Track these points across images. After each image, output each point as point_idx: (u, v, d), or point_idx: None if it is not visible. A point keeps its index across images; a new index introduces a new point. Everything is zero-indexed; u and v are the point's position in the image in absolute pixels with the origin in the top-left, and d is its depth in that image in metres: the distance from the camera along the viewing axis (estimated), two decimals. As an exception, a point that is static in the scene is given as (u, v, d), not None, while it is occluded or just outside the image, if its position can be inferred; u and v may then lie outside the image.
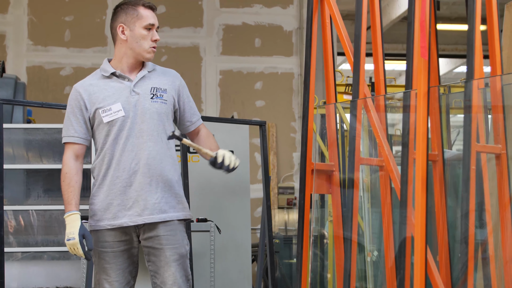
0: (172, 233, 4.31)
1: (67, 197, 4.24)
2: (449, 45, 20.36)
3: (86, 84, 4.38)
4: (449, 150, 5.62)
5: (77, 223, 4.18)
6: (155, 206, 4.26)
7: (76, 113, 4.32)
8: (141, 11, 4.38)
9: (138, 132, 4.27)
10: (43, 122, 10.62)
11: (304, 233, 5.05)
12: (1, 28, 12.90)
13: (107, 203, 4.28)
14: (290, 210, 13.28)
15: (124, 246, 4.32)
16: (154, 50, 4.39)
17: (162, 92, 4.37)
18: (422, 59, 4.10)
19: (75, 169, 4.28)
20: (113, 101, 4.29)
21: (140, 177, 4.25)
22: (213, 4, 13.43)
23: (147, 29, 4.37)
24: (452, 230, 4.72)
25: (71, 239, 4.15)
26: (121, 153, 4.26)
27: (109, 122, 4.27)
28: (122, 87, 4.33)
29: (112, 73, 4.36)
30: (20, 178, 8.15)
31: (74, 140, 4.32)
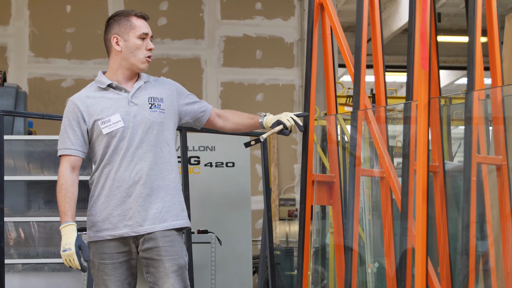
0: (171, 244, 4.29)
1: (63, 208, 4.23)
2: (450, 56, 20.40)
3: (83, 96, 4.39)
4: (450, 162, 5.62)
5: (73, 234, 4.17)
6: (155, 216, 4.26)
7: (73, 125, 4.32)
8: (134, 21, 4.42)
9: (138, 142, 4.27)
10: (44, 133, 10.62)
11: (305, 244, 5.04)
12: (3, 40, 12.92)
13: (106, 214, 4.27)
14: (291, 222, 13.27)
15: (123, 258, 4.31)
16: (148, 60, 4.40)
17: (159, 101, 4.38)
18: (423, 70, 4.10)
19: (71, 181, 4.27)
20: (111, 112, 4.29)
21: (140, 188, 4.25)
22: (214, 16, 13.45)
23: (141, 38, 4.39)
24: (453, 241, 4.71)
25: (67, 250, 4.14)
26: (120, 163, 4.26)
27: (109, 133, 4.27)
28: (120, 98, 4.33)
29: (108, 85, 4.36)
30: (21, 190, 8.14)
31: (70, 152, 4.31)
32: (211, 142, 8.23)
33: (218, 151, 8.18)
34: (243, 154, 8.11)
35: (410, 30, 4.48)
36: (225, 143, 8.03)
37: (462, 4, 17.02)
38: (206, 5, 13.46)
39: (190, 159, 8.17)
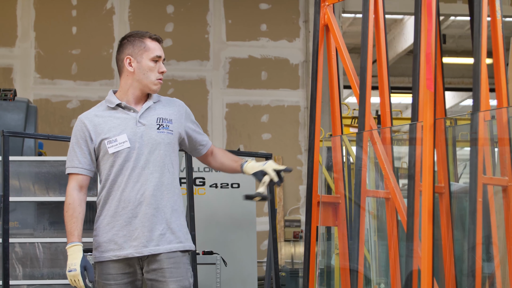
0: (176, 266, 4.27)
1: (70, 228, 4.21)
2: (456, 78, 20.41)
3: (91, 115, 4.37)
4: (456, 183, 5.60)
5: (78, 254, 4.15)
6: (160, 237, 4.23)
7: (80, 144, 4.30)
8: (148, 43, 4.40)
9: (144, 163, 4.25)
10: (50, 154, 10.63)
11: (310, 265, 5.03)
12: (9, 61, 12.97)
13: (112, 234, 4.24)
14: (296, 243, 13.24)
15: (127, 279, 4.27)
16: (160, 82, 4.38)
17: (168, 122, 4.36)
18: (428, 91, 4.10)
19: (78, 200, 4.25)
20: (118, 132, 4.27)
21: (146, 208, 4.22)
22: (219, 37, 13.49)
23: (154, 61, 4.37)
24: (459, 263, 4.69)
25: (72, 270, 4.12)
26: (126, 184, 4.23)
27: (114, 153, 4.24)
28: (128, 118, 4.31)
29: (117, 104, 4.34)
30: (30, 211, 8.14)
31: (78, 171, 4.29)
32: (216, 163, 8.22)
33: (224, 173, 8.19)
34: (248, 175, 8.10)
35: (416, 51, 4.49)
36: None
37: (467, 25, 17.05)
38: (212, 27, 13.50)
39: (195, 180, 8.17)
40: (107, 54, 13.17)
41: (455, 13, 14.62)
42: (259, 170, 4.46)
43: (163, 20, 13.41)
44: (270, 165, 4.46)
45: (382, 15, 4.99)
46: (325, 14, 5.15)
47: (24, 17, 13.08)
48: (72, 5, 13.21)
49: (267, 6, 13.66)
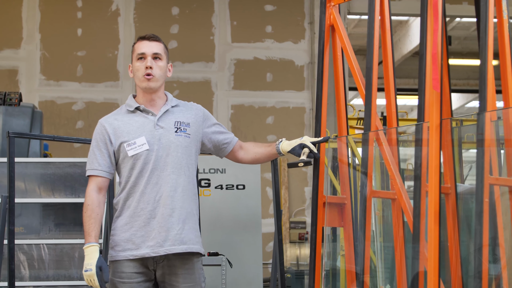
0: (190, 271, 4.38)
1: (88, 229, 4.29)
2: (461, 80, 20.38)
3: (111, 118, 4.48)
4: (462, 184, 5.59)
5: (95, 254, 4.24)
6: (176, 237, 4.31)
7: (100, 147, 4.41)
8: (135, 46, 4.53)
9: (162, 165, 4.34)
10: (55, 156, 10.64)
11: (316, 266, 5.02)
12: (14, 63, 12.98)
13: (130, 234, 4.33)
14: (302, 245, 13.23)
15: (140, 278, 4.34)
16: (148, 78, 4.42)
17: (185, 126, 4.45)
18: (434, 91, 4.09)
19: (97, 202, 4.34)
20: (137, 135, 4.36)
21: (163, 209, 4.30)
22: (224, 39, 13.49)
23: (139, 59, 4.46)
24: (465, 264, 4.68)
25: (88, 270, 4.20)
26: (145, 185, 4.33)
27: (134, 156, 4.34)
28: (146, 121, 4.41)
29: (136, 108, 4.45)
30: (35, 212, 8.15)
31: (97, 173, 4.39)
32: (222, 165, 8.22)
33: (229, 174, 8.18)
34: (254, 177, 8.10)
35: (422, 51, 4.48)
36: (236, 165, 8.02)
37: (473, 27, 17.04)
38: (217, 28, 13.50)
39: (201, 182, 8.17)
40: (112, 56, 13.17)
41: (460, 14, 14.60)
42: (296, 145, 4.57)
43: (168, 22, 13.41)
44: (307, 138, 4.58)
45: (388, 16, 4.98)
46: (330, 14, 5.14)
47: (29, 19, 13.09)
48: (77, 7, 13.22)
49: (272, 7, 13.66)
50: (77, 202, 8.15)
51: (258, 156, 4.68)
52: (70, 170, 8.22)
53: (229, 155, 4.71)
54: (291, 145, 4.57)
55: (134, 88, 13.11)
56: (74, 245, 8.07)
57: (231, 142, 4.67)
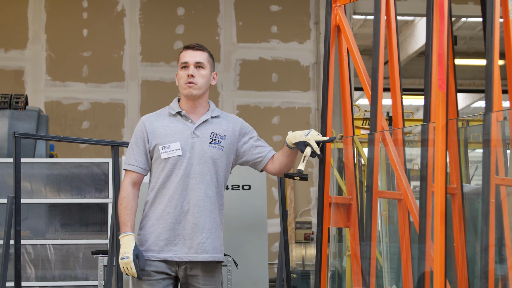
0: (211, 275, 4.48)
1: (124, 219, 4.42)
2: (467, 80, 20.35)
3: (153, 118, 4.60)
4: (468, 184, 5.58)
5: (131, 243, 4.35)
6: (199, 246, 4.41)
7: (139, 144, 4.53)
8: (180, 55, 4.62)
9: (193, 173, 4.43)
10: (61, 156, 10.66)
11: (322, 267, 5.01)
12: (20, 64, 13.00)
13: (155, 236, 4.43)
14: (307, 245, 13.23)
15: (159, 276, 4.43)
16: (189, 86, 4.52)
17: (221, 138, 4.54)
18: (440, 91, 4.09)
19: (132, 194, 4.48)
20: (173, 140, 4.47)
21: (190, 217, 4.40)
22: (230, 39, 13.49)
23: (183, 67, 4.56)
24: (471, 264, 4.67)
25: (125, 258, 4.32)
26: (174, 190, 4.42)
27: (166, 159, 4.45)
28: (185, 128, 4.51)
29: (177, 112, 4.55)
30: (42, 213, 8.17)
31: (133, 168, 4.52)
32: (227, 165, 8.20)
33: (234, 174, 8.16)
34: (259, 177, 8.09)
35: (428, 51, 4.47)
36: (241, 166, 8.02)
37: (478, 27, 17.02)
38: (222, 29, 13.51)
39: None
40: (118, 56, 13.18)
41: (466, 14, 14.59)
42: (301, 140, 4.53)
43: (174, 22, 13.43)
44: (312, 135, 4.52)
45: (394, 16, 4.97)
46: (336, 15, 5.13)
47: (35, 20, 13.11)
48: (83, 7, 13.24)
49: (278, 8, 13.66)
50: (83, 203, 8.16)
51: (280, 160, 4.67)
52: (76, 170, 8.23)
53: (265, 169, 4.74)
54: (296, 138, 4.54)
55: (139, 88, 13.13)
56: (80, 246, 8.09)
57: (265, 157, 4.69)
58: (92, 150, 12.73)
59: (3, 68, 12.97)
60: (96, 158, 10.70)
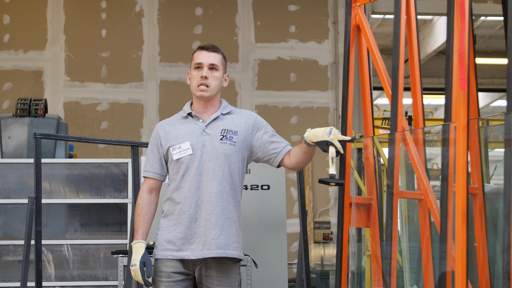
0: (226, 275, 4.47)
1: (136, 226, 4.49)
2: (486, 79, 20.27)
3: (166, 123, 4.65)
4: (488, 184, 5.56)
5: (140, 250, 4.40)
6: (212, 242, 4.40)
7: (153, 150, 4.60)
8: (195, 55, 4.62)
9: (205, 170, 4.44)
10: (80, 157, 10.69)
11: (343, 267, 5.01)
12: (39, 65, 13.05)
13: (172, 236, 4.45)
14: (326, 245, 13.21)
15: (178, 277, 4.45)
16: (202, 88, 4.52)
17: (232, 134, 4.53)
18: (461, 91, 4.07)
19: (147, 201, 4.54)
20: (184, 140, 4.49)
21: (204, 214, 4.42)
22: (248, 39, 13.50)
23: (196, 68, 4.56)
24: (492, 265, 4.65)
25: (134, 265, 4.37)
26: (188, 189, 4.44)
27: (178, 160, 4.48)
28: (195, 127, 4.53)
29: (188, 114, 4.58)
30: (61, 213, 8.21)
31: (149, 175, 4.59)
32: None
33: (254, 174, 8.17)
34: (278, 177, 8.09)
35: (448, 51, 4.45)
36: (261, 166, 8.01)
37: (498, 25, 16.93)
38: (240, 29, 13.52)
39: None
40: (137, 57, 13.21)
41: (485, 13, 14.53)
42: (323, 140, 4.41)
43: (192, 23, 13.44)
44: (334, 135, 4.39)
45: (414, 15, 4.96)
46: (356, 14, 5.12)
47: (54, 21, 13.16)
48: (102, 8, 13.28)
49: (296, 7, 13.65)
50: (102, 203, 8.19)
51: (297, 156, 4.57)
52: (95, 170, 8.26)
53: (282, 164, 4.66)
54: (317, 137, 4.42)
55: (158, 88, 13.15)
56: (100, 246, 8.11)
57: (281, 152, 4.63)
58: (111, 150, 12.77)
59: (22, 69, 13.03)
60: (115, 158, 10.73)
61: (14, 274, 8.03)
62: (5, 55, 13.03)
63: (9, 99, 12.81)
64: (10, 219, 8.16)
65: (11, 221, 8.14)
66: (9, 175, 8.18)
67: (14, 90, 12.86)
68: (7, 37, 13.08)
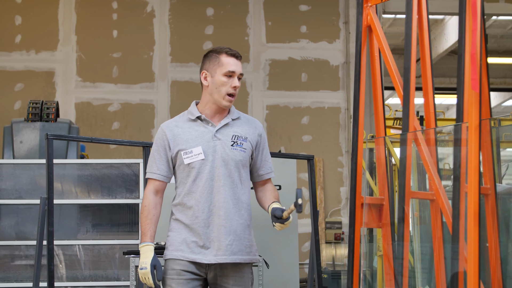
0: (240, 275, 4.48)
1: (144, 229, 4.46)
2: (498, 78, 20.22)
3: (172, 125, 4.59)
4: (500, 184, 5.55)
5: (150, 253, 4.39)
6: (227, 248, 4.40)
7: (160, 152, 4.54)
8: (222, 59, 4.53)
9: (217, 176, 4.43)
10: (91, 157, 10.71)
11: (354, 267, 5.00)
12: (51, 65, 13.08)
13: (185, 237, 4.44)
14: (337, 245, 13.20)
15: (189, 276, 4.44)
16: (231, 99, 4.50)
17: (242, 140, 4.52)
18: (473, 91, 4.06)
19: (154, 203, 4.50)
20: (195, 144, 4.46)
21: (217, 219, 4.41)
22: (259, 39, 13.50)
23: (227, 76, 4.50)
24: (504, 265, 4.65)
25: (144, 268, 4.35)
26: (200, 194, 4.42)
27: (189, 164, 4.45)
28: (206, 131, 4.49)
29: (197, 117, 4.53)
30: (73, 213, 8.23)
31: (155, 176, 4.54)
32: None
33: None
34: (290, 177, 8.08)
35: (460, 51, 4.45)
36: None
37: (510, 25, 16.88)
38: (251, 29, 13.51)
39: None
40: (148, 57, 13.23)
41: (497, 12, 14.48)
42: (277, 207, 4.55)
43: (203, 23, 13.45)
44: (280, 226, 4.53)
45: (426, 15, 4.95)
46: (367, 15, 5.12)
47: (66, 22, 13.19)
48: (113, 8, 13.30)
49: (307, 7, 13.65)
50: (114, 203, 8.20)
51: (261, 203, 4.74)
52: (107, 171, 8.27)
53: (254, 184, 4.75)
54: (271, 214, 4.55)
55: (169, 89, 13.16)
56: (111, 246, 8.12)
57: (262, 176, 4.71)
58: (122, 150, 12.78)
59: (34, 69, 13.06)
60: (126, 158, 10.74)
61: (26, 275, 8.06)
62: (16, 55, 13.06)
63: (21, 99, 12.84)
64: (22, 219, 8.18)
65: (23, 221, 8.17)
66: (21, 175, 8.21)
67: (26, 91, 12.90)
68: (18, 37, 13.12)
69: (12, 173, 8.20)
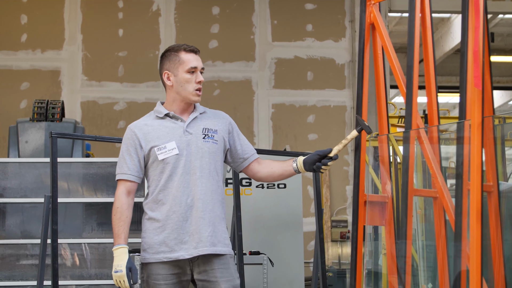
0: (226, 266, 4.44)
1: (117, 231, 4.39)
2: (504, 77, 20.19)
3: (141, 124, 4.57)
4: (505, 182, 5.54)
5: (124, 256, 4.33)
6: (208, 239, 4.38)
7: (130, 152, 4.49)
8: (182, 56, 4.53)
9: (192, 169, 4.41)
10: (97, 156, 10.73)
11: (358, 265, 5.00)
12: (56, 64, 13.11)
13: (163, 237, 4.39)
14: (343, 243, 13.21)
15: (176, 279, 4.42)
16: (199, 93, 4.52)
17: (213, 132, 4.53)
18: (476, 89, 4.06)
19: (126, 205, 4.44)
20: (167, 140, 4.44)
21: (195, 212, 4.38)
22: (265, 38, 13.50)
23: (190, 72, 4.51)
24: (508, 263, 4.64)
25: (118, 271, 4.30)
26: (176, 189, 4.40)
27: (164, 160, 4.42)
28: (176, 127, 4.49)
29: (166, 114, 4.54)
30: (78, 212, 8.24)
31: (127, 177, 4.47)
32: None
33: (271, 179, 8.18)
34: (295, 176, 8.08)
35: (463, 49, 4.44)
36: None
37: (516, 23, 16.85)
38: (257, 28, 13.52)
39: (242, 181, 8.18)
40: (153, 56, 13.24)
41: (503, 11, 14.46)
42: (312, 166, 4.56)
43: (209, 22, 13.46)
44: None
45: (429, 13, 4.95)
46: (371, 12, 5.12)
47: (71, 21, 13.21)
48: (119, 7, 13.32)
49: (313, 6, 13.64)
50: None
51: (274, 170, 4.67)
52: (112, 169, 8.28)
53: (246, 170, 4.75)
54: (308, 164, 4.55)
55: (175, 88, 13.14)
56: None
57: (249, 158, 4.70)
58: (128, 149, 12.77)
59: (40, 68, 13.09)
60: (132, 157, 10.72)
61: (32, 273, 8.07)
62: (22, 55, 13.09)
63: (27, 98, 12.87)
64: (27, 218, 8.19)
65: (28, 220, 8.18)
66: (26, 174, 8.22)
67: (32, 90, 12.93)
68: (24, 37, 13.15)
69: (17, 172, 8.21)
